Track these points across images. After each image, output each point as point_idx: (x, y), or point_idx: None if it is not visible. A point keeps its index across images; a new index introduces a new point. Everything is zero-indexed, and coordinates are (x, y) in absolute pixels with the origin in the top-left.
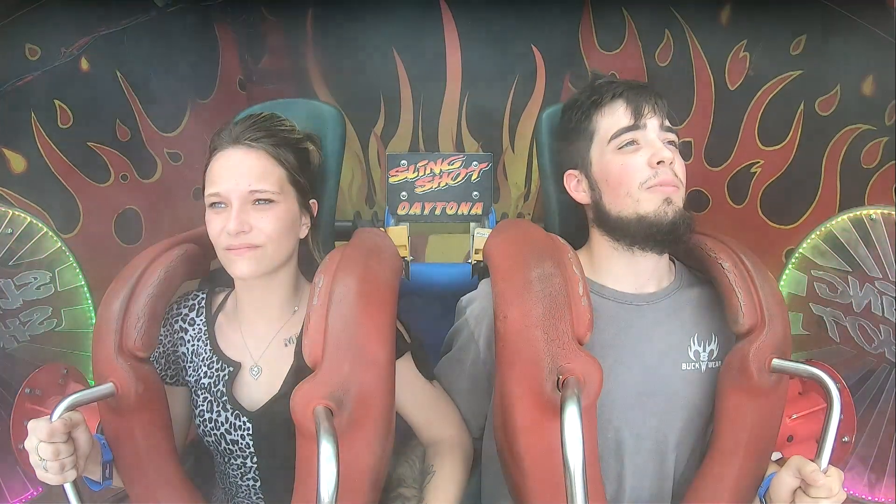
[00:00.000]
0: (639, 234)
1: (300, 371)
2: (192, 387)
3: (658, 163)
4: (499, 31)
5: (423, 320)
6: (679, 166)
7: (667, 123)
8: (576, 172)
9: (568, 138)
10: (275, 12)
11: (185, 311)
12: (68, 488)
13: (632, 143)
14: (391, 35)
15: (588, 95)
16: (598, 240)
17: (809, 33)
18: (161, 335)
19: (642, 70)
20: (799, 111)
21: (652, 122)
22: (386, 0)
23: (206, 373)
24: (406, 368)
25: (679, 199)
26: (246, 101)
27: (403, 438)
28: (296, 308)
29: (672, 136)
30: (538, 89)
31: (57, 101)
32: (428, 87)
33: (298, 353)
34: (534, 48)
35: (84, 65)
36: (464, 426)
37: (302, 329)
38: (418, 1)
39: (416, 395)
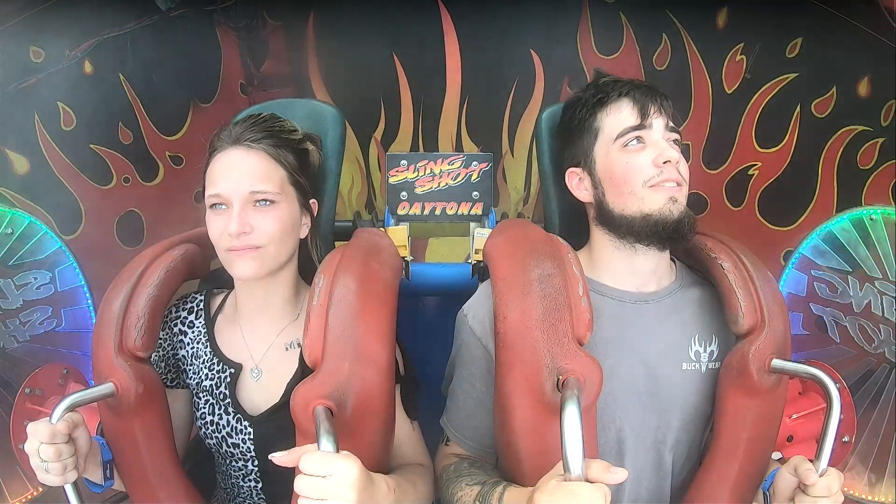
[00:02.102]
0: (643, 232)
1: (305, 378)
2: (194, 389)
3: (664, 162)
4: (498, 36)
5: (423, 321)
6: (683, 166)
7: (671, 124)
8: (577, 170)
9: (570, 136)
10: (276, 17)
11: (184, 313)
12: (69, 489)
13: (638, 140)
14: (391, 40)
15: (593, 93)
16: (600, 238)
17: (805, 36)
18: (160, 338)
19: (640, 74)
20: (795, 113)
21: (658, 122)
22: (386, 5)
23: (207, 375)
24: None
25: (683, 197)
26: (247, 105)
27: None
28: (298, 313)
29: (676, 137)
30: (537, 93)
31: (60, 104)
32: (428, 92)
33: (303, 359)
34: (532, 52)
35: (87, 67)
36: (430, 476)
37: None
38: (418, 6)
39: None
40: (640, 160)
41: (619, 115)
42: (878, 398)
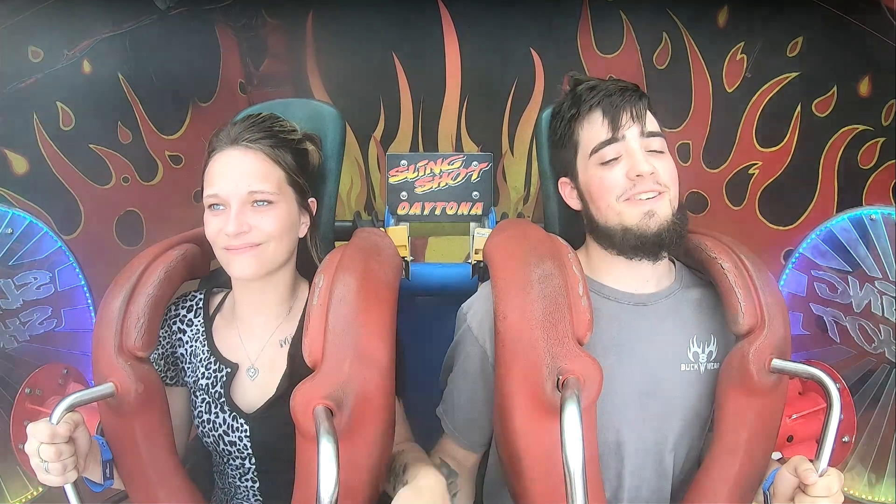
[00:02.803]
0: (626, 245)
1: (294, 374)
2: (191, 388)
3: (637, 176)
4: (498, 35)
5: (423, 321)
6: (665, 173)
7: (649, 129)
8: (567, 180)
9: (556, 148)
10: (276, 16)
11: (183, 312)
12: (69, 489)
13: (612, 154)
14: (391, 40)
15: (568, 106)
16: (594, 245)
17: (806, 35)
18: (160, 336)
19: (640, 73)
20: (796, 112)
21: (631, 132)
22: (386, 5)
23: (203, 374)
24: None
25: (663, 206)
26: (247, 105)
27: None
28: (290, 308)
29: (656, 141)
30: (537, 92)
31: (59, 103)
32: (428, 92)
33: (292, 355)
34: (532, 51)
35: (86, 67)
36: (414, 442)
37: (296, 330)
38: (418, 6)
39: None
40: (614, 174)
41: (591, 129)
42: (878, 398)
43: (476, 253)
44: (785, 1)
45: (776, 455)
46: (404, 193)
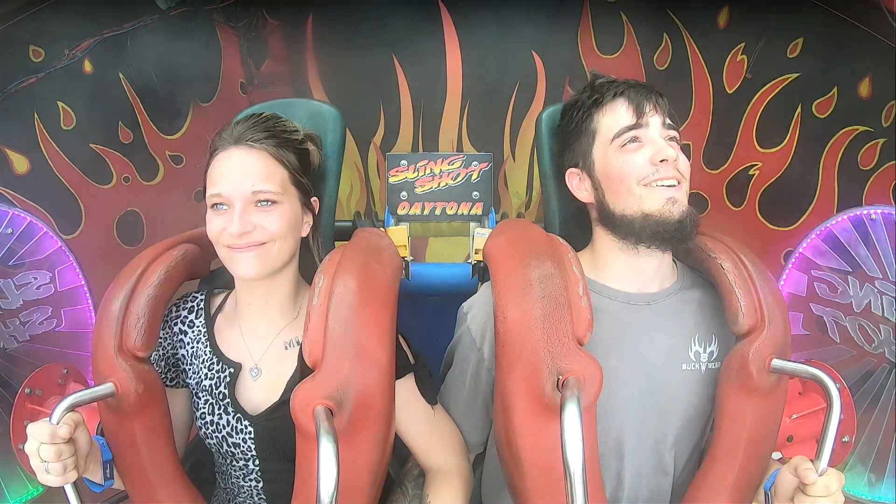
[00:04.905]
0: (644, 233)
1: (305, 377)
2: (194, 389)
3: (661, 161)
4: (499, 38)
5: (423, 321)
6: (683, 163)
7: (668, 122)
8: (577, 170)
9: (569, 139)
10: (276, 16)
11: (185, 313)
12: (69, 489)
13: (634, 140)
14: (391, 42)
15: (589, 95)
16: (602, 239)
17: (806, 36)
18: (160, 338)
19: (641, 74)
20: (796, 113)
21: (654, 121)
22: (386, 7)
23: (206, 374)
24: (407, 389)
25: (683, 195)
26: (247, 105)
27: (397, 463)
28: (298, 311)
29: (674, 134)
30: (538, 95)
31: (60, 103)
32: (428, 96)
33: (302, 358)
34: (534, 54)
35: (87, 67)
36: (464, 455)
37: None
38: (419, 9)
39: (415, 419)
40: (637, 159)
41: (614, 115)
42: (878, 398)
43: (476, 253)
44: (785, 1)
45: (776, 455)
46: (404, 193)
